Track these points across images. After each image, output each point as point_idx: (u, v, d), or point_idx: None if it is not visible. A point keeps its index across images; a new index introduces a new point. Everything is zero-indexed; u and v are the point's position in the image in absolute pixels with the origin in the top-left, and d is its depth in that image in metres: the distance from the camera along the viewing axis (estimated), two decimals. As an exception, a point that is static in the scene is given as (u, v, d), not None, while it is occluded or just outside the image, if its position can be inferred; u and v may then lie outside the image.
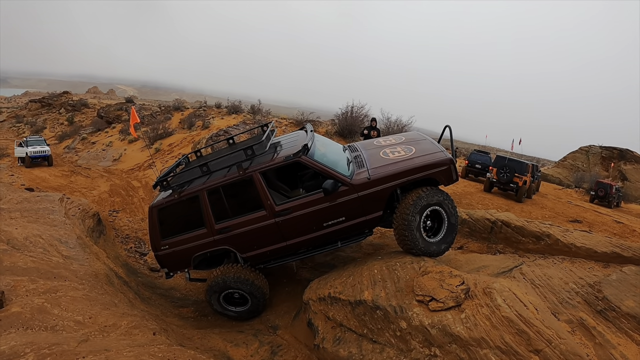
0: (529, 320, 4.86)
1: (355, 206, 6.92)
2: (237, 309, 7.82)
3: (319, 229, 7.06)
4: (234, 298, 7.72)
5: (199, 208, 7.27)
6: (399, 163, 7.14)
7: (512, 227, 8.99)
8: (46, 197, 11.82)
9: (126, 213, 16.12)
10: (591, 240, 8.19)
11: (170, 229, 7.45)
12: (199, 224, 7.34)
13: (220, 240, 7.28)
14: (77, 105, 55.64)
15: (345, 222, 7.01)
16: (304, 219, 7.00)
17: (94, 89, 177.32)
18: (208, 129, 29.63)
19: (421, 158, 7.19)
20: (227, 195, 7.19)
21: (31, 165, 26.27)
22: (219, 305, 7.77)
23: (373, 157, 7.66)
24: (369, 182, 6.86)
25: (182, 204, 7.34)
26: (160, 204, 7.42)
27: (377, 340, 5.67)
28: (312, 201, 6.93)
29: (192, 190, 7.26)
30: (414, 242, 6.68)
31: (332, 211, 6.92)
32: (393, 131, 24.26)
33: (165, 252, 7.48)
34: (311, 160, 6.99)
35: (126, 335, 5.63)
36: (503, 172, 20.61)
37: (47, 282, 6.42)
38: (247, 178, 7.04)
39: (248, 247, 7.33)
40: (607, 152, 48.61)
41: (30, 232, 8.17)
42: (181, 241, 7.40)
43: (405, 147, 7.88)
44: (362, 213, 6.99)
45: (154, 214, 7.41)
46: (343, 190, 6.82)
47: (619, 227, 17.35)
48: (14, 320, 5.22)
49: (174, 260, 7.55)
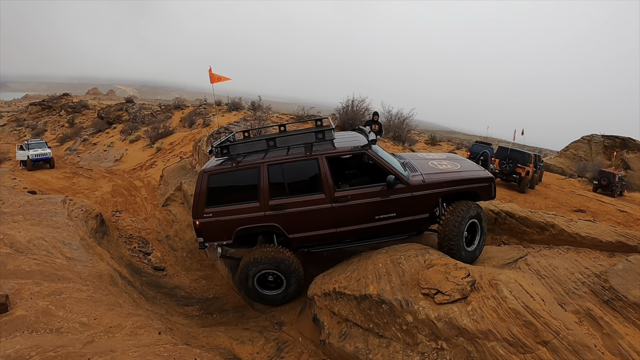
0: (535, 311, 4.83)
1: (407, 205, 7.21)
2: (273, 292, 7.70)
3: (370, 221, 7.24)
4: (268, 281, 7.61)
5: (255, 181, 7.21)
6: (448, 173, 7.58)
7: (516, 217, 8.95)
8: (48, 200, 11.85)
9: (129, 213, 16.15)
10: (596, 230, 8.15)
11: (217, 197, 7.28)
12: (252, 197, 7.25)
13: (271, 217, 7.20)
14: (77, 107, 55.78)
15: (395, 218, 7.25)
16: (359, 208, 7.15)
17: (94, 90, 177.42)
18: (209, 126, 29.63)
19: (468, 172, 7.71)
20: (288, 174, 7.24)
21: (33, 168, 26.37)
22: (253, 288, 7.62)
23: (423, 165, 7.98)
24: (424, 185, 7.23)
25: (238, 173, 7.27)
26: (213, 170, 7.30)
27: (383, 335, 5.65)
28: (370, 193, 7.15)
29: (253, 162, 7.23)
30: (458, 248, 7.01)
31: (386, 206, 7.16)
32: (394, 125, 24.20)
33: (207, 220, 7.27)
34: (376, 155, 7.32)
35: (131, 335, 5.62)
36: (505, 162, 20.59)
37: (51, 285, 6.42)
38: (312, 160, 7.17)
39: (298, 228, 7.29)
40: (610, 141, 48.50)
41: (33, 235, 8.17)
42: (228, 211, 7.24)
43: (450, 162, 8.26)
44: (412, 212, 7.29)
45: (205, 179, 7.25)
46: (400, 187, 7.11)
47: (623, 215, 17.33)
48: (19, 324, 5.22)
49: (214, 230, 7.35)
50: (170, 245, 12.78)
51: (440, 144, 42.38)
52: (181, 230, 13.36)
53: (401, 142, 23.52)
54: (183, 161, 20.35)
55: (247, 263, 7.40)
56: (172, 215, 14.54)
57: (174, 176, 18.21)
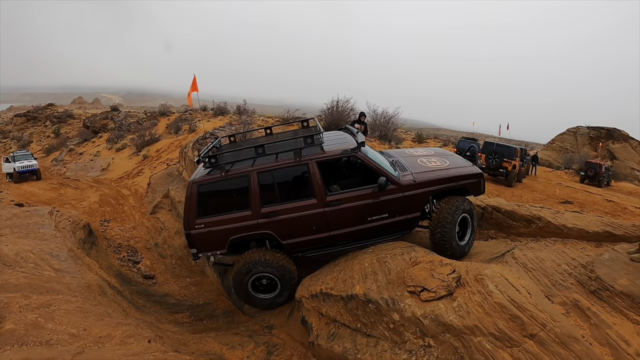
0: (521, 304, 4.86)
1: (399, 205, 7.28)
2: (267, 296, 7.66)
3: (363, 223, 7.27)
4: (262, 285, 7.57)
5: (245, 189, 7.17)
6: (438, 171, 7.73)
7: (503, 212, 9.01)
8: (35, 212, 11.76)
9: (117, 222, 16.07)
10: (582, 221, 8.20)
11: (208, 208, 7.23)
12: (243, 205, 7.20)
13: (263, 225, 7.17)
14: (63, 116, 55.42)
15: (387, 218, 7.31)
16: (351, 211, 7.19)
17: (79, 99, 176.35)
18: (195, 132, 29.59)
19: (457, 169, 7.91)
20: (278, 180, 7.24)
21: (19, 181, 26.16)
22: (248, 292, 7.57)
23: (412, 163, 8.10)
24: (414, 184, 7.34)
25: (227, 182, 7.22)
26: (202, 180, 7.22)
27: (371, 334, 5.66)
28: (361, 195, 7.18)
29: (242, 171, 7.18)
30: (450, 244, 7.22)
31: (378, 207, 7.21)
32: (380, 124, 24.29)
33: (199, 232, 7.22)
34: (367, 157, 7.34)
35: (121, 344, 5.60)
36: (492, 157, 20.71)
37: (40, 297, 6.37)
38: (302, 165, 7.16)
39: (291, 234, 7.28)
40: (595, 132, 48.95)
41: (20, 248, 8.11)
42: (219, 221, 7.19)
43: (439, 158, 8.42)
44: (404, 212, 7.37)
45: (194, 190, 7.19)
46: (391, 188, 7.18)
47: (610, 205, 17.51)
48: (9, 338, 5.18)
49: (207, 241, 7.30)
50: (159, 253, 12.75)
51: (427, 142, 42.56)
52: (170, 238, 13.33)
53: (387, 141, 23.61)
54: (170, 168, 20.31)
55: (241, 267, 7.35)
56: (160, 222, 14.49)
57: (161, 183, 18.15)
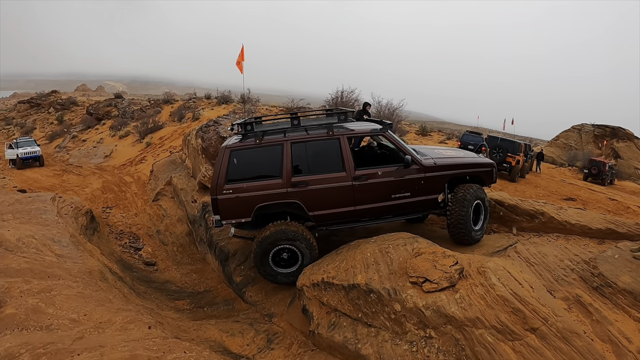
0: (524, 298, 4.85)
1: (421, 185, 7.62)
2: (286, 270, 7.60)
3: (387, 200, 7.54)
4: (282, 259, 7.55)
5: (278, 158, 7.29)
6: (456, 158, 8.16)
7: (506, 206, 8.98)
8: (38, 198, 11.77)
9: (119, 209, 16.10)
10: (585, 217, 8.18)
11: (238, 174, 7.27)
12: (274, 173, 7.30)
13: (293, 194, 7.27)
14: (66, 103, 55.31)
15: (409, 197, 7.62)
16: (377, 187, 7.45)
17: (83, 86, 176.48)
18: (198, 120, 29.55)
19: (472, 158, 8.38)
20: (310, 152, 7.39)
21: (22, 167, 26.19)
22: (268, 266, 7.53)
23: (431, 150, 8.51)
24: (435, 167, 7.69)
25: (260, 151, 7.32)
26: (235, 146, 7.32)
27: (372, 324, 5.66)
28: (387, 172, 7.49)
29: (276, 140, 7.32)
30: (467, 228, 7.61)
31: (402, 185, 7.54)
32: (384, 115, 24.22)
33: (227, 197, 7.23)
34: (393, 136, 7.76)
35: (121, 330, 5.60)
36: (496, 152, 20.65)
37: (41, 282, 6.38)
38: (334, 139, 7.40)
39: (319, 205, 7.40)
40: (600, 130, 48.76)
41: (22, 233, 8.11)
42: (249, 188, 7.24)
43: (453, 151, 8.92)
44: (425, 192, 7.70)
45: (226, 155, 7.26)
46: (414, 168, 7.54)
47: (613, 204, 17.46)
48: (9, 322, 5.18)
49: (233, 207, 7.29)
50: (161, 240, 12.77)
51: (430, 135, 42.44)
52: (172, 225, 13.35)
53: (391, 133, 23.52)
54: (173, 155, 20.30)
55: (267, 237, 7.31)
56: (162, 210, 14.52)
57: (164, 171, 18.17)
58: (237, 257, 9.35)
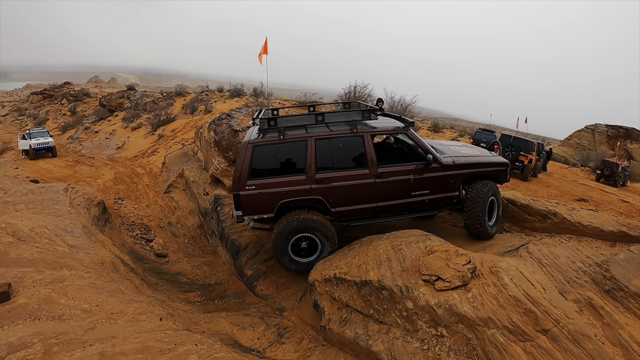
0: (536, 299, 4.83)
1: (440, 183, 7.75)
2: (304, 260, 7.58)
3: (406, 197, 7.64)
4: (301, 249, 7.54)
5: (302, 154, 7.30)
6: (473, 157, 8.29)
7: (518, 205, 8.92)
8: (51, 188, 11.87)
9: (131, 200, 16.18)
10: (598, 219, 8.11)
11: (261, 170, 7.27)
12: (297, 170, 7.32)
13: (316, 190, 7.29)
14: (79, 95, 55.59)
15: (428, 195, 7.73)
16: (398, 184, 7.54)
17: (96, 78, 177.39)
18: (211, 113, 29.61)
19: (488, 157, 8.54)
20: (334, 149, 7.41)
21: (35, 158, 26.34)
22: (287, 256, 7.51)
23: (447, 149, 8.49)
24: (454, 165, 7.82)
25: (284, 146, 7.32)
26: (258, 142, 7.27)
27: (383, 321, 5.66)
28: (408, 170, 7.58)
29: (300, 136, 7.33)
30: (483, 223, 7.76)
31: (422, 183, 7.63)
32: (397, 111, 24.09)
33: (249, 193, 7.20)
34: (415, 135, 7.85)
35: (133, 321, 5.64)
36: (508, 150, 20.51)
37: (53, 272, 6.43)
38: (358, 137, 7.44)
39: (341, 201, 7.46)
40: (613, 131, 48.24)
41: (35, 224, 8.18)
42: (272, 184, 7.23)
43: (468, 149, 8.94)
44: (443, 190, 7.83)
45: (249, 150, 7.21)
46: (434, 167, 7.63)
47: (625, 206, 17.28)
48: (22, 312, 5.24)
49: (256, 203, 7.28)
50: (172, 232, 12.83)
51: (443, 131, 42.22)
52: (183, 217, 13.41)
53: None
54: (185, 148, 20.38)
55: (289, 223, 7.31)
56: (174, 202, 14.58)
57: (176, 163, 18.25)
58: (248, 250, 9.38)
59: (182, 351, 4.86)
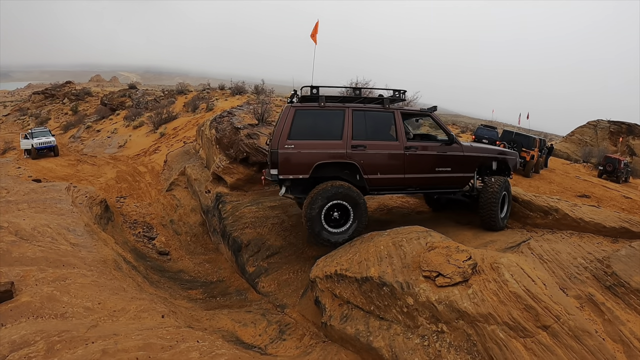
0: (537, 295, 4.82)
1: (460, 162, 8.47)
2: (335, 230, 7.54)
3: (431, 172, 8.27)
4: (332, 219, 7.54)
5: (339, 122, 7.76)
6: (485, 146, 9.30)
7: (520, 201, 8.94)
8: (53, 187, 11.89)
9: (133, 199, 16.21)
10: (600, 215, 8.10)
11: (300, 132, 7.56)
12: (335, 135, 7.70)
13: (351, 155, 7.64)
14: (81, 94, 55.69)
15: (449, 172, 8.40)
16: (424, 158, 8.19)
17: (97, 77, 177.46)
18: (212, 111, 29.60)
19: (499, 148, 9.42)
20: (369, 121, 7.96)
21: (37, 157, 26.38)
22: (319, 222, 7.40)
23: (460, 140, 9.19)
24: (472, 147, 8.72)
25: (323, 113, 7.77)
26: (300, 106, 7.72)
27: (384, 317, 5.67)
28: (433, 146, 8.32)
29: (338, 106, 7.87)
30: (496, 215, 8.33)
31: (444, 160, 8.33)
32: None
33: (288, 151, 7.39)
34: (439, 118, 8.57)
35: (135, 319, 5.66)
36: (510, 146, 20.48)
37: (55, 271, 6.45)
38: (390, 112, 8.11)
39: (374, 169, 7.83)
40: (616, 127, 48.07)
41: (38, 222, 8.20)
42: (311, 145, 7.52)
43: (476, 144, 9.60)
44: (462, 170, 8.54)
45: (291, 113, 7.57)
46: (455, 146, 8.40)
47: (627, 202, 17.27)
48: (24, 310, 5.25)
49: (293, 162, 7.45)
50: (174, 230, 12.86)
51: (444, 129, 42.16)
52: (185, 215, 13.44)
53: (404, 126, 23.41)
54: (187, 146, 20.39)
55: (322, 190, 7.33)
56: (176, 200, 14.61)
57: (178, 161, 18.27)
58: (250, 247, 9.41)
59: (184, 348, 4.89)
